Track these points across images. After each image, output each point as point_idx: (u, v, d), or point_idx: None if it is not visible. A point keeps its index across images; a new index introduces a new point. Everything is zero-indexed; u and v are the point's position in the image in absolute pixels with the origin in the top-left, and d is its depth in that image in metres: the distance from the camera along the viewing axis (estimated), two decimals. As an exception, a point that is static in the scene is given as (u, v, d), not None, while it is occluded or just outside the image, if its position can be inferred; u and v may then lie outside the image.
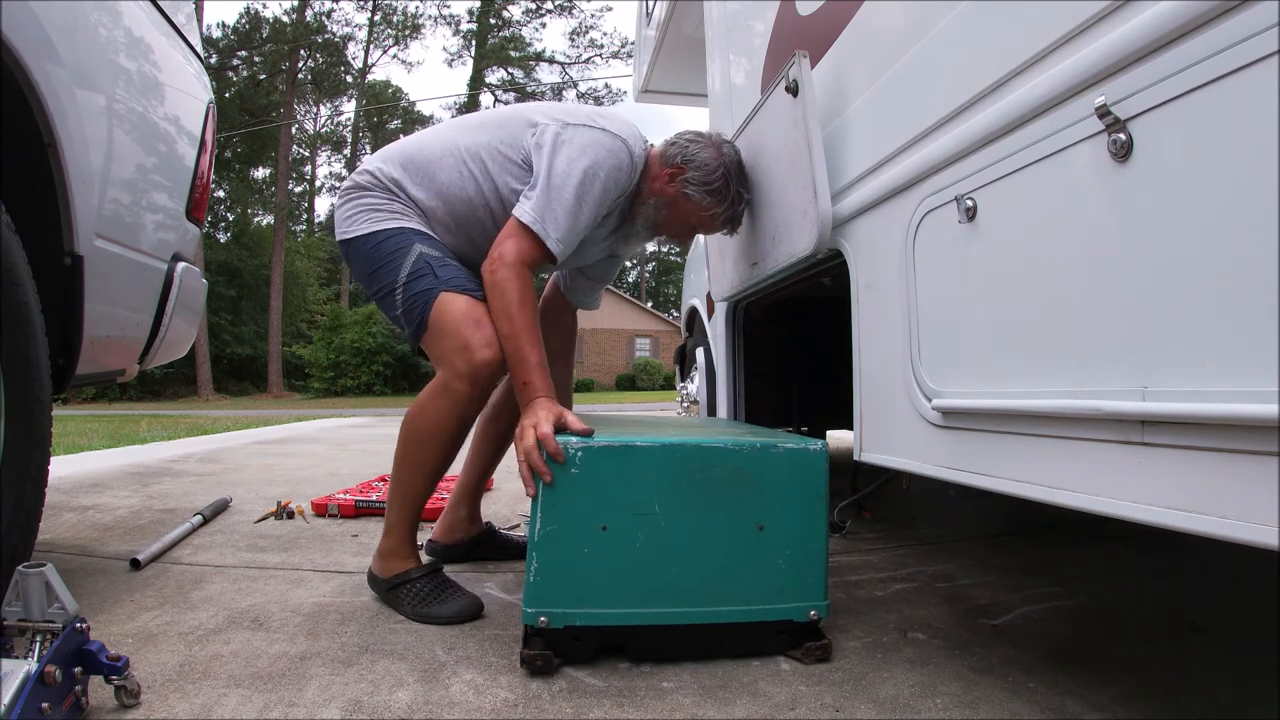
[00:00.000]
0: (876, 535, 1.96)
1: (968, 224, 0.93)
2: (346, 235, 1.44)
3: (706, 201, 1.47)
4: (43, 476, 1.12)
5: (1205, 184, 0.61)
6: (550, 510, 1.07)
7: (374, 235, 1.40)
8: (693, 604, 1.09)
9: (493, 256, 1.30)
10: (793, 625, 1.11)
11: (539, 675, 1.05)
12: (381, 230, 1.40)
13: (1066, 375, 0.77)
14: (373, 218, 1.41)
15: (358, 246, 1.42)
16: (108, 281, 1.35)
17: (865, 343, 1.27)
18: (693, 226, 1.54)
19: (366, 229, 1.41)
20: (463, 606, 1.29)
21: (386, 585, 1.35)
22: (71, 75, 1.20)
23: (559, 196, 1.32)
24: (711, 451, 1.09)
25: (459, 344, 1.31)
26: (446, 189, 1.42)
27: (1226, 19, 0.58)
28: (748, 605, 1.10)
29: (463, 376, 1.30)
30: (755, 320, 2.34)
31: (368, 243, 1.40)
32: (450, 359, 1.32)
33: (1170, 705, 0.96)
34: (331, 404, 18.17)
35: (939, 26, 1.00)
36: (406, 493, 1.38)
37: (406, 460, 1.37)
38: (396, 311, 1.39)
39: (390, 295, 1.38)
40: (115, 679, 0.90)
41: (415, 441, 1.36)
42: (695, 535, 1.08)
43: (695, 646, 1.11)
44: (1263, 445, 0.55)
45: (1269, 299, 0.55)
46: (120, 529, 2.01)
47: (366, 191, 1.44)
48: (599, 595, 1.07)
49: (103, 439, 5.28)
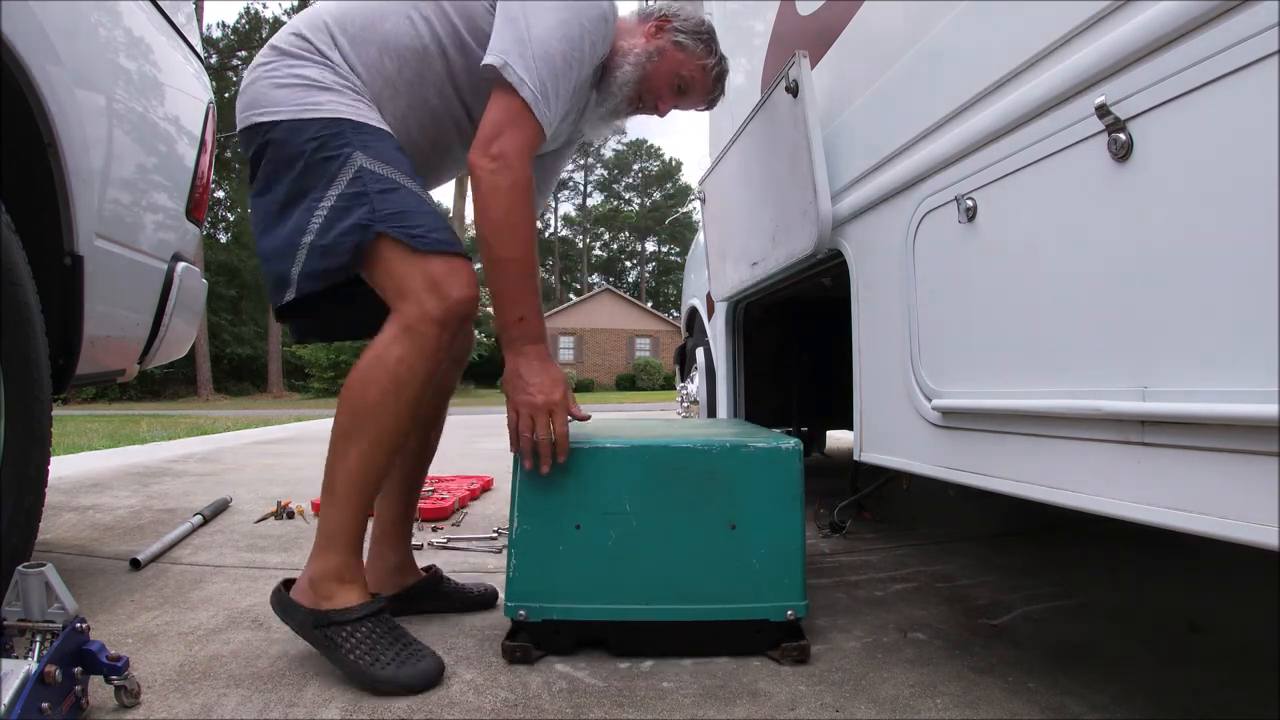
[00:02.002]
0: (876, 535, 1.96)
1: (968, 224, 0.93)
2: (262, 118, 1.10)
3: (699, 50, 1.27)
4: (43, 476, 1.12)
5: (1205, 184, 0.61)
6: (526, 509, 1.11)
7: (301, 124, 1.08)
8: (667, 601, 1.10)
9: (491, 150, 1.05)
10: (770, 625, 1.11)
11: (520, 664, 1.08)
12: (314, 120, 1.08)
13: (1066, 375, 0.77)
14: (304, 99, 1.09)
15: (278, 136, 1.09)
16: (108, 281, 1.35)
17: (865, 343, 1.27)
18: (681, 81, 1.28)
19: (291, 113, 1.09)
20: (424, 671, 1.00)
21: (314, 621, 1.02)
22: (71, 75, 1.20)
23: (545, 56, 1.07)
24: (679, 452, 1.11)
25: (428, 277, 1.05)
26: (392, 40, 1.14)
27: (1226, 19, 0.58)
28: (722, 604, 1.11)
29: (432, 318, 1.04)
30: (755, 320, 2.34)
31: (295, 134, 1.08)
32: (417, 294, 1.04)
33: (1170, 705, 0.96)
34: (332, 404, 18.07)
35: (939, 26, 1.00)
36: (354, 484, 1.04)
37: (351, 435, 1.04)
38: (305, 236, 1.06)
39: (307, 208, 1.07)
40: (115, 679, 0.90)
41: (364, 408, 1.04)
42: (666, 534, 1.10)
43: (675, 643, 1.11)
44: (1263, 445, 0.55)
45: (1269, 299, 0.55)
46: (120, 529, 2.01)
47: (297, 61, 1.12)
48: (575, 591, 1.10)
49: (103, 439, 5.28)
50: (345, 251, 1.05)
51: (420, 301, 1.04)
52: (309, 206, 1.07)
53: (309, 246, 1.06)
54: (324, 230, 1.06)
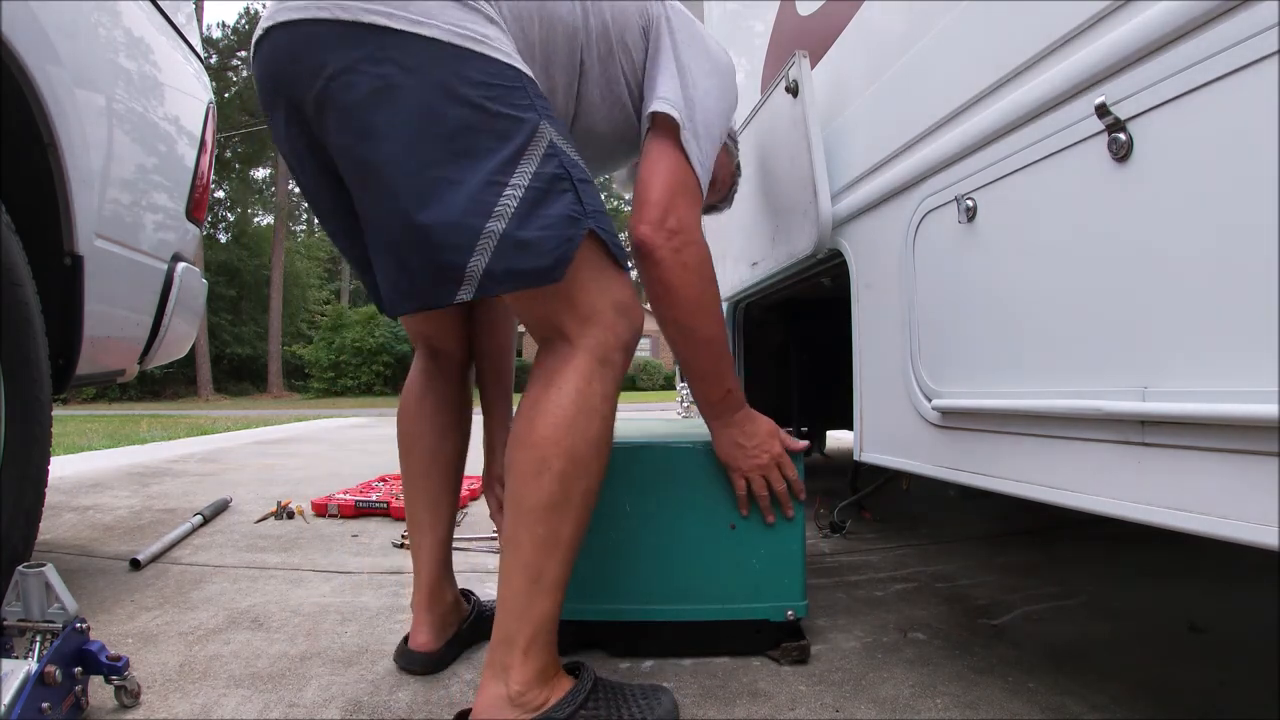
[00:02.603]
0: (876, 535, 1.96)
1: (968, 224, 0.93)
2: (387, 21, 0.75)
3: (735, 151, 1.30)
4: (43, 476, 1.12)
5: (1205, 184, 0.61)
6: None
7: (462, 55, 0.77)
8: (667, 601, 1.10)
9: (668, 224, 0.91)
10: (770, 625, 1.11)
11: None
12: (482, 56, 0.78)
13: (1066, 375, 0.77)
14: (466, 22, 0.78)
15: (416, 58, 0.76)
16: (108, 281, 1.35)
17: (865, 343, 1.27)
18: (715, 179, 1.24)
19: (450, 34, 0.77)
20: (668, 705, 0.89)
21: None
22: (71, 75, 1.20)
23: (708, 131, 0.97)
24: (680, 452, 1.11)
25: (620, 296, 0.87)
26: (549, 4, 0.90)
27: (1226, 19, 0.58)
28: (722, 604, 1.11)
29: (624, 345, 0.87)
30: (755, 320, 2.34)
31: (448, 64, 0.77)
32: (607, 317, 0.85)
33: (1170, 705, 0.96)
34: (332, 404, 18.16)
35: (939, 26, 1.00)
36: (569, 562, 0.85)
37: (562, 505, 0.82)
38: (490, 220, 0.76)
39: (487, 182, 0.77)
40: (115, 679, 0.90)
41: (579, 466, 0.83)
42: (667, 534, 1.10)
43: (675, 644, 1.11)
44: (1263, 445, 0.55)
45: (1269, 299, 0.55)
46: (120, 529, 2.01)
47: None
48: (576, 591, 1.08)
49: (103, 439, 5.28)
50: (550, 251, 0.79)
51: (613, 326, 0.86)
52: (489, 181, 0.77)
53: (500, 236, 0.77)
54: (522, 217, 0.77)
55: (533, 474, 0.82)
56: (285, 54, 0.80)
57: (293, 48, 0.79)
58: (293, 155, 0.89)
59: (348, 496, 2.31)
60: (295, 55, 0.79)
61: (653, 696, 0.90)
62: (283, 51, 0.80)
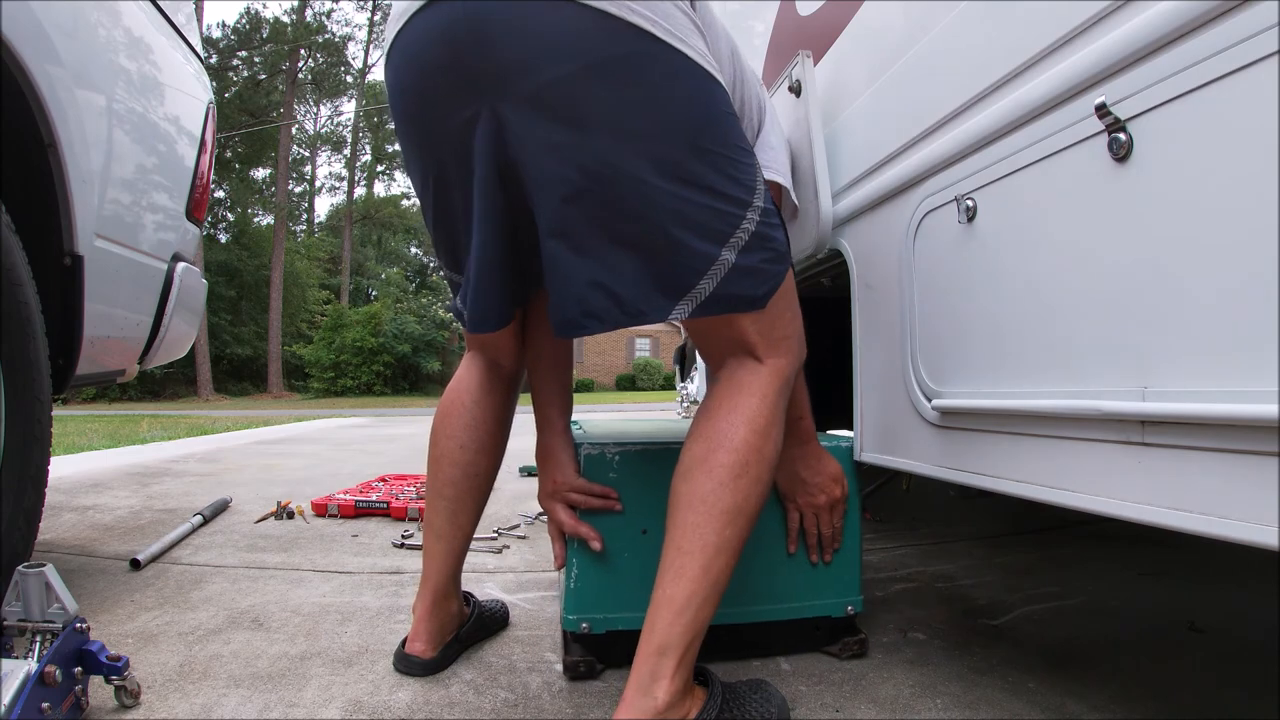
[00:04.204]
0: (876, 535, 1.96)
1: (968, 224, 0.93)
2: (658, 31, 0.75)
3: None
4: (43, 476, 1.12)
5: (1205, 184, 0.61)
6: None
7: (708, 81, 0.80)
8: (732, 604, 1.07)
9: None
10: (830, 621, 1.12)
11: (584, 679, 1.04)
12: (720, 87, 0.82)
13: (1066, 375, 0.77)
14: (702, 49, 0.80)
15: (675, 67, 0.77)
16: (108, 281, 1.35)
17: (865, 343, 1.27)
18: None
19: (702, 59, 0.79)
20: (780, 702, 0.91)
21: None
22: (71, 75, 1.20)
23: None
24: None
25: (801, 331, 0.93)
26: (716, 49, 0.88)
27: (1226, 19, 0.58)
28: (786, 603, 1.11)
29: (798, 372, 0.94)
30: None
31: (701, 83, 0.79)
32: (793, 343, 0.91)
33: (1170, 705, 0.96)
34: (331, 404, 18.17)
35: (939, 27, 1.00)
36: (733, 566, 0.84)
37: (737, 520, 0.83)
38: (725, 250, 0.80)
39: (722, 212, 0.80)
40: (115, 679, 0.90)
41: (771, 473, 0.86)
42: None
43: (735, 645, 1.11)
44: (1263, 445, 0.55)
45: (1269, 299, 0.55)
46: (120, 529, 2.01)
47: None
48: (642, 599, 1.05)
49: (103, 439, 5.28)
50: (764, 281, 0.84)
51: (796, 352, 0.91)
52: (724, 211, 0.80)
53: (731, 266, 0.80)
54: (750, 250, 0.82)
55: (733, 477, 0.82)
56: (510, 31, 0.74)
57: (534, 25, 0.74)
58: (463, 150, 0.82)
59: (348, 496, 2.31)
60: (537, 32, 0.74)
61: (761, 692, 0.91)
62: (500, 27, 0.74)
